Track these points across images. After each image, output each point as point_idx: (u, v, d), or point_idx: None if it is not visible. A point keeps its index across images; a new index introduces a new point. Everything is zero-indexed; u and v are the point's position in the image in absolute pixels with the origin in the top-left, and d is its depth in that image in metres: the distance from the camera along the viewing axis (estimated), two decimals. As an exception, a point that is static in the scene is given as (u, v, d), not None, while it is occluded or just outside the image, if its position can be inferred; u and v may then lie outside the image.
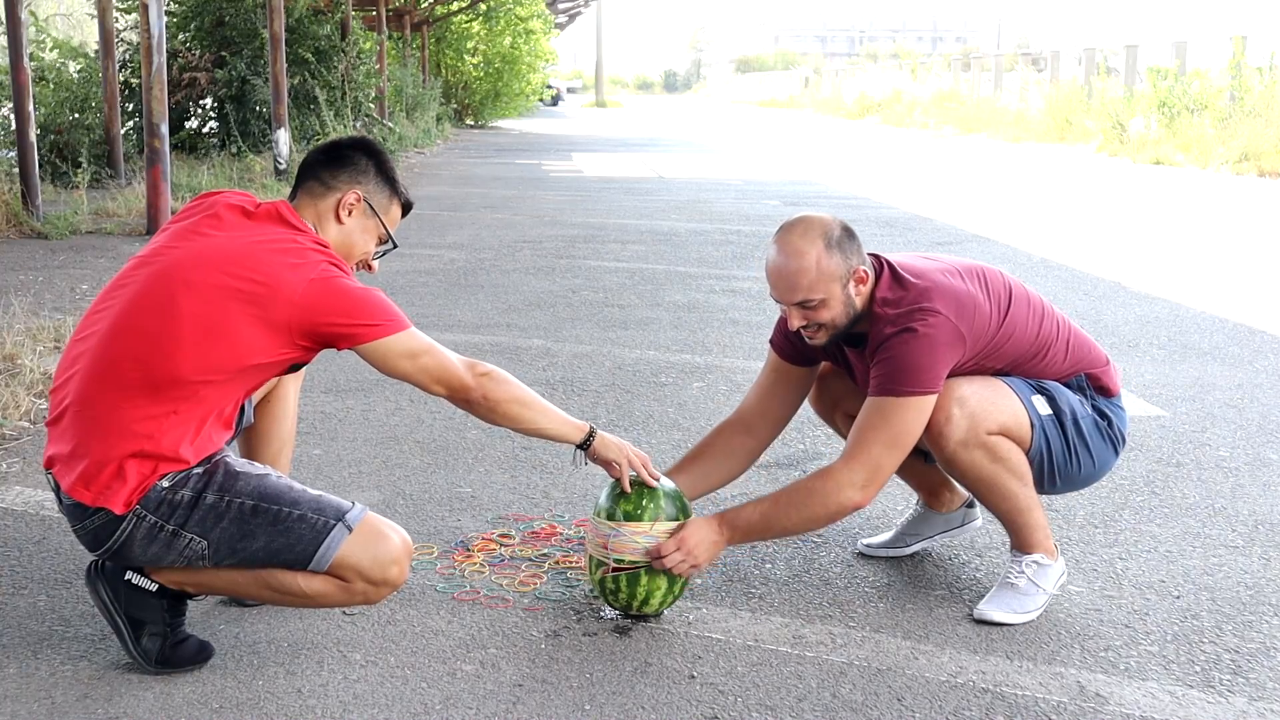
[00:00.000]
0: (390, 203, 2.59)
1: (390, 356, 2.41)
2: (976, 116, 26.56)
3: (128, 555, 2.34)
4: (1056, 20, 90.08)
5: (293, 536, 2.32)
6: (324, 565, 2.33)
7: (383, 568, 2.36)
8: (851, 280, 2.62)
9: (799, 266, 2.59)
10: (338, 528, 2.33)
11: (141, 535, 2.30)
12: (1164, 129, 18.06)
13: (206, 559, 2.33)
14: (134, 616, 2.38)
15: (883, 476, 2.60)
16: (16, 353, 4.56)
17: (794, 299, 2.62)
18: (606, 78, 71.46)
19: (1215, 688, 2.44)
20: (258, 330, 2.31)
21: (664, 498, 2.66)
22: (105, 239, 7.91)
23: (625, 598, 2.64)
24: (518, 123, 32.50)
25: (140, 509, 2.28)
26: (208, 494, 2.31)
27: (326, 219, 2.52)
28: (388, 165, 2.60)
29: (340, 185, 2.52)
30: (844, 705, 2.35)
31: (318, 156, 2.58)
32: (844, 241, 2.62)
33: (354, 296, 2.38)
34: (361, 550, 2.34)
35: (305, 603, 2.42)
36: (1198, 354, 5.39)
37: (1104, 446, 2.79)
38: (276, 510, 2.33)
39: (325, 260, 2.39)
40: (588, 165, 17.02)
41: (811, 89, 50.50)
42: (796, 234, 2.63)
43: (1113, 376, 2.86)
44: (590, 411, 4.39)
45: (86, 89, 11.34)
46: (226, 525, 2.31)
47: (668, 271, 7.57)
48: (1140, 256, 8.37)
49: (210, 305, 2.30)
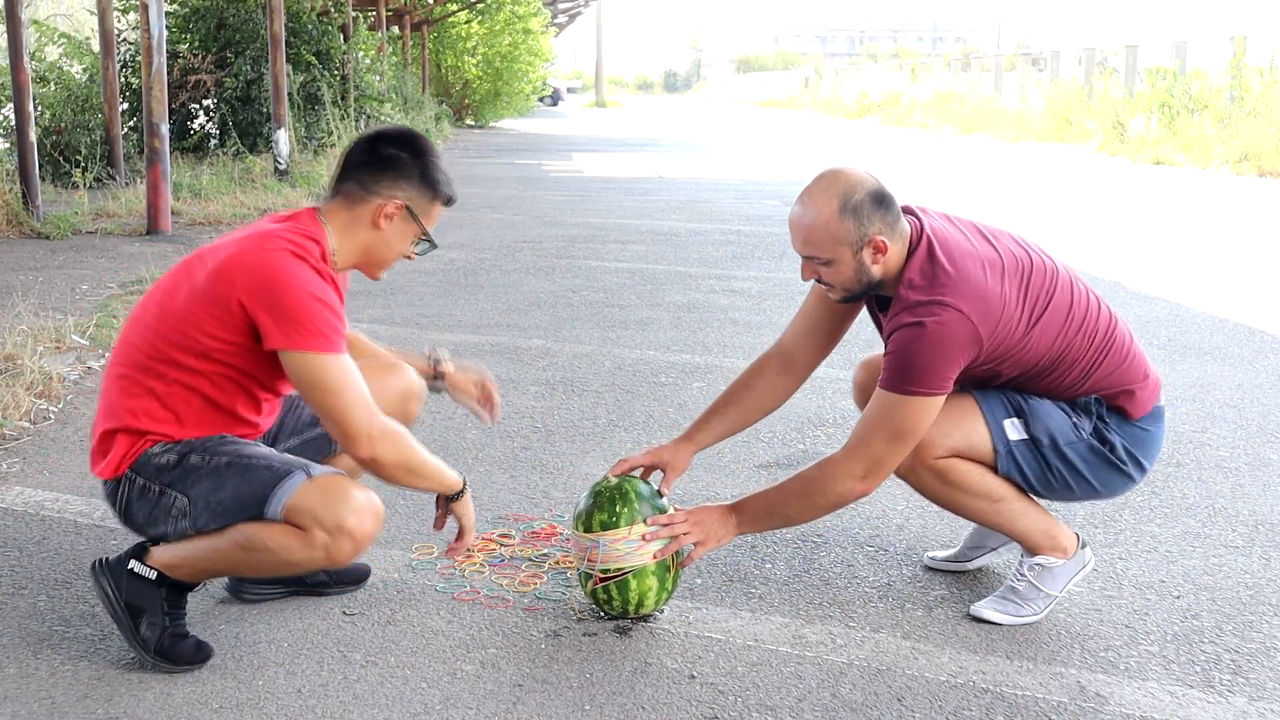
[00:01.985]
0: (432, 204, 2.53)
1: (295, 374, 2.33)
2: (976, 116, 26.56)
3: (135, 521, 2.47)
4: (1056, 20, 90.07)
5: (255, 482, 2.36)
6: (279, 507, 2.33)
7: (337, 515, 2.31)
8: (866, 248, 2.50)
9: (809, 222, 2.51)
10: (296, 474, 2.36)
11: (136, 497, 2.42)
12: (1164, 129, 18.06)
13: (188, 518, 2.39)
14: (133, 604, 2.42)
15: (884, 469, 2.57)
16: (17, 353, 4.56)
17: (803, 252, 2.56)
18: (606, 78, 71.49)
19: (1215, 688, 2.44)
20: (202, 311, 2.37)
21: (638, 500, 2.64)
22: (105, 239, 7.91)
23: (619, 604, 2.63)
24: (517, 123, 32.50)
25: (131, 472, 2.42)
26: (192, 456, 2.41)
27: (363, 224, 2.48)
28: (432, 164, 2.52)
29: (381, 191, 2.47)
30: (844, 705, 2.35)
31: (360, 156, 2.50)
32: (864, 207, 2.49)
33: (290, 297, 2.30)
34: (317, 496, 2.33)
35: (275, 561, 2.37)
36: (1198, 354, 5.39)
37: (1104, 470, 2.66)
38: (247, 463, 2.39)
39: (291, 249, 2.35)
40: (588, 165, 17.03)
41: (811, 89, 50.51)
42: (819, 187, 2.53)
43: (1139, 398, 2.67)
44: (590, 411, 4.39)
45: (88, 89, 11.34)
46: (203, 480, 2.38)
47: (668, 271, 7.57)
48: (1140, 256, 8.37)
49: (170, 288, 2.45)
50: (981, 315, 2.47)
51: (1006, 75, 29.27)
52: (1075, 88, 23.17)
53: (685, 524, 2.63)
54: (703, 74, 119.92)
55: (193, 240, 7.95)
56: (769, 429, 4.18)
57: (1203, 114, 17.85)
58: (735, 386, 2.90)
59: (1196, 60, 20.24)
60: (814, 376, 2.94)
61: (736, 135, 27.07)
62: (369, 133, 2.56)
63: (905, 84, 35.37)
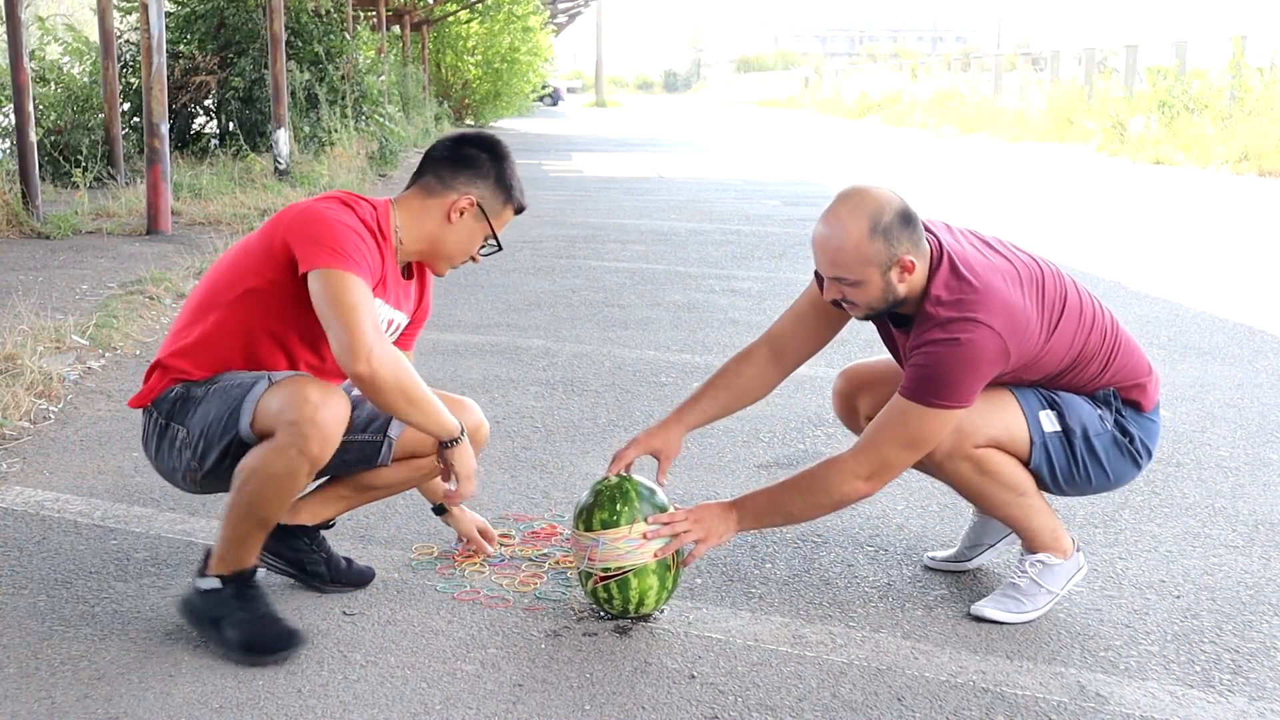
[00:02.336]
0: (504, 207, 2.63)
1: (313, 291, 2.39)
2: (976, 116, 26.56)
3: (151, 455, 2.59)
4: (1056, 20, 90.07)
5: (228, 399, 2.45)
6: (248, 419, 2.40)
7: (295, 406, 2.34)
8: (895, 268, 2.50)
9: (838, 244, 2.49)
10: (260, 382, 2.44)
11: (154, 432, 2.56)
12: (1164, 129, 18.06)
13: (187, 448, 2.48)
14: (212, 616, 2.50)
15: (891, 473, 2.58)
16: (17, 353, 4.55)
17: (829, 274, 2.55)
18: (606, 77, 71.50)
19: (1215, 688, 2.44)
20: (258, 253, 2.49)
21: (639, 499, 2.64)
22: (105, 239, 7.91)
23: (620, 603, 2.63)
24: (517, 122, 32.50)
25: (151, 406, 2.56)
26: (196, 389, 2.52)
27: (434, 215, 2.58)
28: (508, 169, 2.63)
29: (457, 186, 2.58)
30: (844, 705, 2.35)
31: (442, 152, 2.61)
32: (894, 228, 2.48)
33: (323, 220, 2.42)
34: (277, 397, 2.39)
35: (265, 483, 2.37)
36: (1198, 354, 5.39)
37: (1121, 461, 2.71)
38: (226, 384, 2.48)
39: (338, 197, 2.50)
40: (588, 165, 17.03)
41: (811, 89, 50.51)
42: (846, 208, 2.51)
43: (1149, 390, 2.75)
44: (590, 411, 4.39)
45: (89, 90, 11.33)
46: (197, 409, 2.48)
47: (668, 271, 7.57)
48: (1140, 256, 8.37)
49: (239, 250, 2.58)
50: (1010, 331, 2.49)
51: (1006, 75, 29.27)
52: (1075, 88, 23.17)
53: (685, 521, 2.63)
54: (703, 74, 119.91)
55: (193, 240, 7.95)
56: (769, 429, 4.18)
57: (1203, 114, 17.85)
58: (724, 371, 2.89)
59: (1196, 60, 20.24)
60: (813, 376, 2.96)
61: (736, 135, 27.06)
62: (454, 133, 2.67)
63: (905, 84, 35.37)
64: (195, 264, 6.97)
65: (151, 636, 2.57)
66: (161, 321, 5.74)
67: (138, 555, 3.01)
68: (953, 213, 10.89)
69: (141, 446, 2.65)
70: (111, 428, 4.10)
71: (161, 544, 3.08)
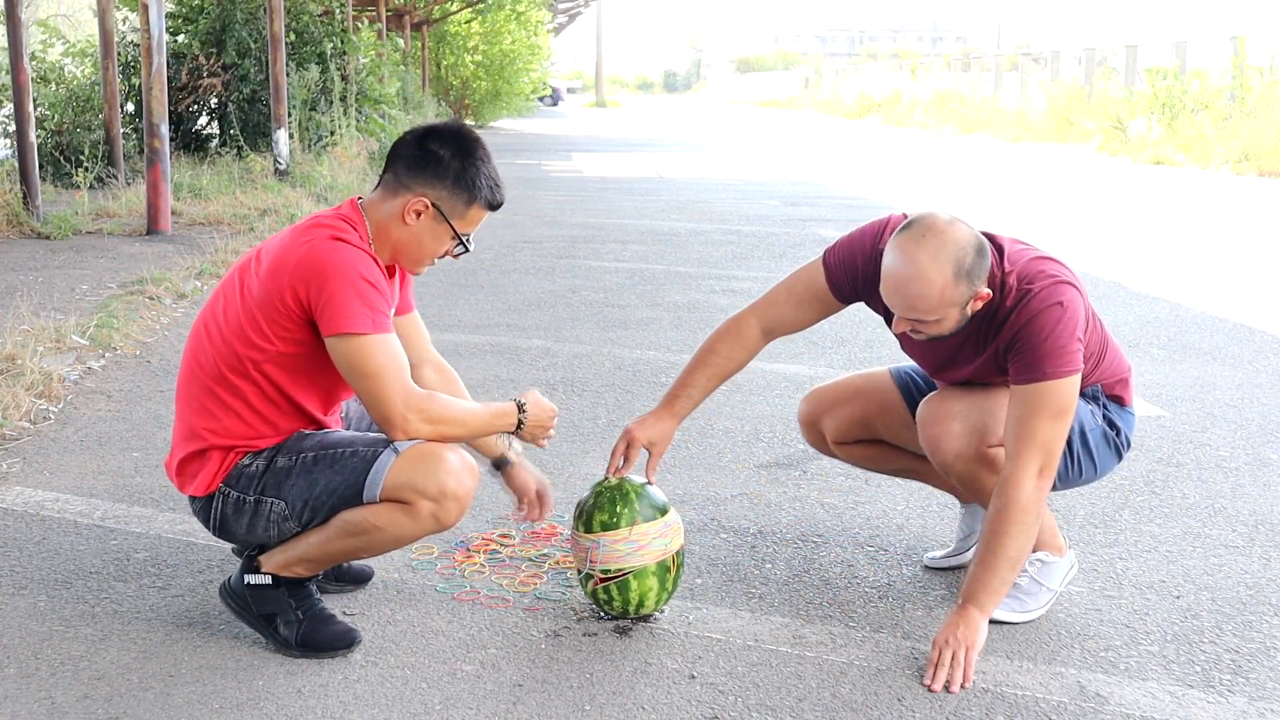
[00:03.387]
0: (468, 206, 2.47)
1: (335, 356, 2.38)
2: (977, 116, 26.57)
3: (232, 533, 2.53)
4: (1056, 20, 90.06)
5: (347, 470, 2.41)
6: (376, 489, 2.39)
7: (436, 480, 2.37)
8: (973, 302, 2.49)
9: (920, 291, 2.43)
10: (385, 453, 2.40)
11: (231, 511, 2.48)
12: (1164, 129, 18.07)
13: (290, 519, 2.44)
14: (264, 613, 2.51)
15: (1055, 457, 2.48)
16: (17, 353, 4.55)
17: (906, 315, 2.50)
18: (606, 78, 71.48)
19: (1215, 688, 2.44)
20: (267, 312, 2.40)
21: (639, 500, 2.63)
22: (105, 239, 7.91)
23: (620, 605, 2.63)
24: (517, 123, 32.50)
25: (224, 487, 2.47)
26: (279, 458, 2.46)
27: (394, 218, 2.48)
28: (474, 165, 2.46)
29: (414, 187, 2.45)
30: (844, 705, 2.34)
31: (405, 149, 2.48)
32: (975, 267, 2.45)
33: (333, 274, 2.33)
34: (411, 468, 2.38)
35: (386, 539, 2.44)
36: (1198, 354, 5.39)
37: (1108, 454, 2.78)
38: (334, 453, 2.43)
39: (330, 233, 2.39)
40: (588, 165, 17.03)
41: (811, 89, 50.51)
42: (926, 253, 2.42)
43: (1129, 385, 2.81)
44: (590, 411, 4.39)
45: (90, 90, 11.33)
46: (295, 480, 2.43)
47: (668, 271, 7.57)
48: (1140, 256, 8.37)
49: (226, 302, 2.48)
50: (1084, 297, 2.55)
51: (1006, 75, 29.29)
52: (1075, 88, 23.18)
53: (949, 651, 2.43)
54: (703, 74, 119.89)
55: (193, 240, 7.94)
56: (769, 429, 4.18)
57: (1202, 114, 17.85)
58: (712, 351, 2.82)
59: (1196, 60, 20.25)
60: (813, 377, 2.97)
61: (736, 135, 27.06)
62: (421, 127, 2.53)
63: (905, 84, 35.37)
64: (195, 264, 6.97)
65: (151, 636, 2.57)
66: (161, 321, 5.74)
67: (138, 555, 3.01)
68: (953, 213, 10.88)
69: (209, 527, 2.53)
70: (111, 428, 4.10)
71: (161, 544, 3.08)
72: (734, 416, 4.34)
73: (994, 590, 2.48)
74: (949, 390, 2.75)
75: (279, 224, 8.72)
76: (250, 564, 2.53)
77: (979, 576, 2.48)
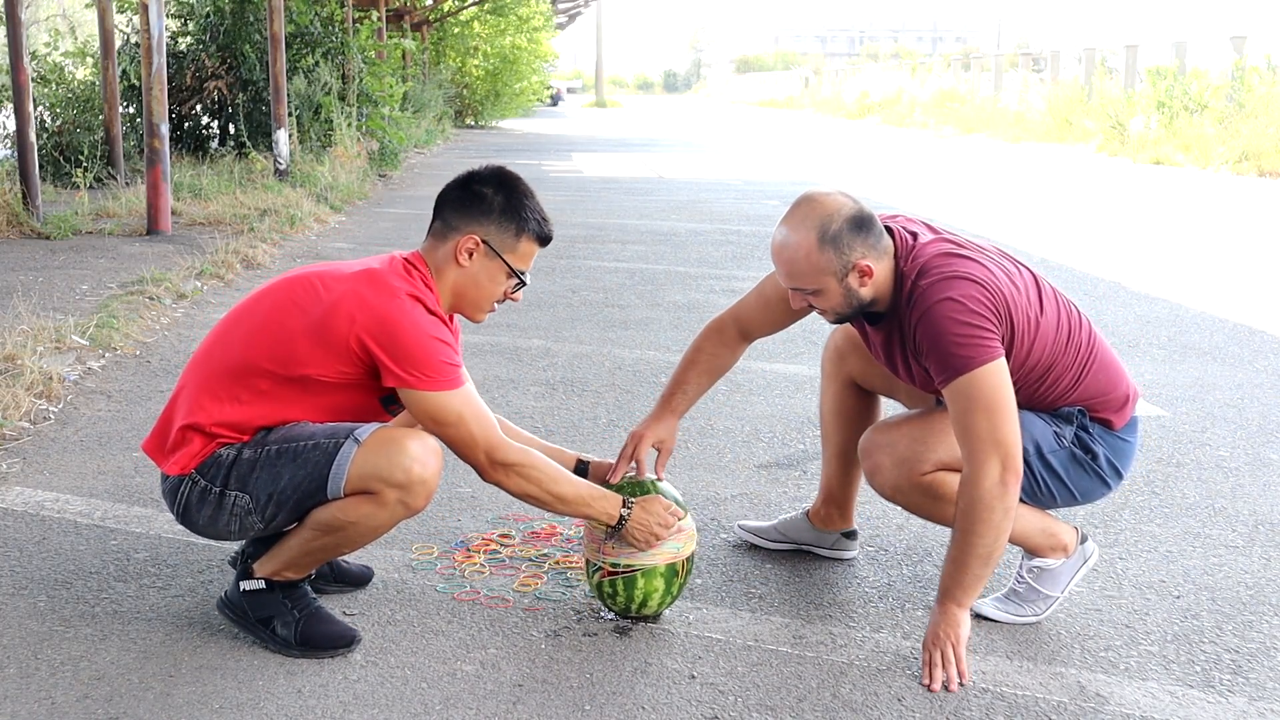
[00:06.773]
0: (518, 239, 2.51)
1: (417, 410, 2.41)
2: (977, 116, 26.57)
3: (193, 522, 2.50)
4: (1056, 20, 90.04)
5: (309, 464, 2.40)
6: (340, 482, 2.38)
7: (400, 467, 2.37)
8: (851, 274, 2.46)
9: (790, 256, 2.48)
10: (347, 443, 2.39)
11: (196, 499, 2.46)
12: (1164, 129, 18.07)
13: (254, 512, 2.43)
14: (262, 617, 2.52)
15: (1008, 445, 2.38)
16: (17, 353, 4.55)
17: (787, 284, 2.55)
18: (606, 78, 71.52)
19: (1215, 688, 2.44)
20: (312, 342, 2.40)
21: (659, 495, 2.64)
22: (105, 239, 7.91)
23: (623, 600, 2.64)
24: (518, 123, 32.50)
25: (195, 473, 2.46)
26: (245, 450, 2.45)
27: (449, 262, 2.51)
28: (518, 199, 2.52)
29: (462, 227, 2.49)
30: (844, 705, 2.35)
31: (450, 194, 2.54)
32: (843, 235, 2.44)
33: (409, 338, 2.36)
34: (374, 458, 2.38)
35: (363, 531, 2.44)
36: (1198, 354, 5.39)
37: (1084, 478, 2.66)
38: (296, 446, 2.42)
39: (405, 290, 2.39)
40: (588, 165, 17.03)
41: (811, 89, 50.51)
42: (795, 218, 2.48)
43: (1121, 411, 2.66)
44: (590, 411, 4.39)
45: (90, 90, 11.33)
46: (259, 474, 2.42)
47: (668, 271, 7.57)
48: (1140, 256, 8.37)
49: (276, 308, 2.46)
50: (990, 281, 2.43)
51: (1006, 75, 29.27)
52: (1075, 88, 23.17)
53: (938, 650, 2.45)
54: (703, 74, 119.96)
55: (193, 240, 7.94)
56: (769, 429, 4.18)
57: (1202, 114, 17.85)
58: (700, 350, 2.91)
59: (1196, 60, 20.24)
60: (813, 376, 2.97)
61: (736, 135, 27.06)
62: (462, 174, 2.58)
63: (905, 84, 35.36)
64: (195, 264, 6.96)
65: (151, 636, 2.57)
66: (161, 321, 5.74)
67: (138, 555, 3.01)
68: (954, 213, 10.89)
69: (172, 510, 2.52)
70: (111, 428, 4.10)
71: (161, 544, 3.08)
72: (734, 416, 4.34)
73: (968, 586, 2.47)
74: (889, 420, 2.72)
75: (279, 224, 8.72)
76: (245, 572, 2.54)
77: (952, 574, 2.48)
